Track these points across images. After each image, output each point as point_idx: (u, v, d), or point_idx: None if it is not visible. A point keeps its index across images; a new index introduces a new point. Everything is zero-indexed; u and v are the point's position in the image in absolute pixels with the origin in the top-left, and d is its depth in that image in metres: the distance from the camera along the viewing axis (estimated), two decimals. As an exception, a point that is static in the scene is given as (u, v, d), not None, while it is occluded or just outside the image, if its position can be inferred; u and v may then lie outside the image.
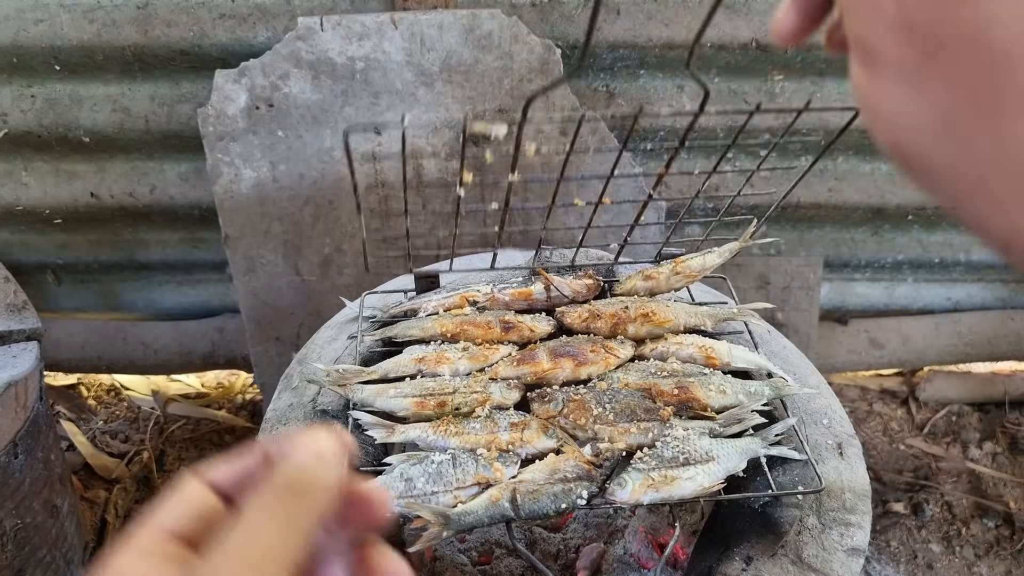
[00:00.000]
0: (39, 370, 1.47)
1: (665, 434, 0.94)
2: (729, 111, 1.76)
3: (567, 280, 1.22)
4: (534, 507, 0.87)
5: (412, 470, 0.90)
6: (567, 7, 1.63)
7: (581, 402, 0.98)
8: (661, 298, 1.20)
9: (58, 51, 1.68)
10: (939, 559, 1.86)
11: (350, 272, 1.79)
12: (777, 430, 0.98)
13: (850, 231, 1.98)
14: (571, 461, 0.91)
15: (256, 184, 1.71)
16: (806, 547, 0.93)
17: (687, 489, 0.88)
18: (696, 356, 1.08)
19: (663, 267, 1.22)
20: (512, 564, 1.20)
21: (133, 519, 1.92)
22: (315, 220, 1.74)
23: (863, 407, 2.25)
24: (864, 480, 1.01)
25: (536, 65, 1.63)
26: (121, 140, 1.81)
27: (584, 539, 1.24)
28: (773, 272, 1.99)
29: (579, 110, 1.66)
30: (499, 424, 0.96)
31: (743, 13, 1.65)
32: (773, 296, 1.98)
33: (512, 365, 1.07)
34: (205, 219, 1.91)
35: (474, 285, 1.26)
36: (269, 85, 1.64)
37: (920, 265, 2.05)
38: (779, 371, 1.08)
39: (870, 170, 1.88)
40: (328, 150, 1.69)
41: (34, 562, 1.49)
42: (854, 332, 2.14)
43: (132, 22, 1.65)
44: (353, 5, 1.65)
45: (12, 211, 1.90)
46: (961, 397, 2.22)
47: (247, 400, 2.27)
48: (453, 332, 1.14)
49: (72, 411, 2.20)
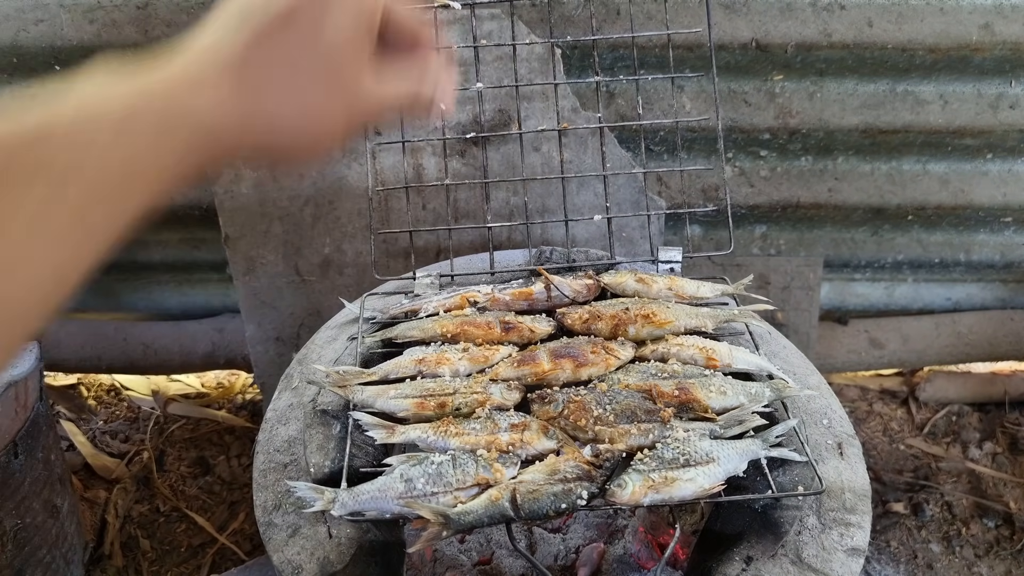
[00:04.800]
0: (39, 370, 1.47)
1: (665, 435, 0.94)
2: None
3: (567, 280, 1.22)
4: (534, 507, 0.87)
5: (412, 471, 0.90)
6: (567, 7, 1.63)
7: (581, 403, 0.99)
8: (661, 299, 1.20)
9: (58, 51, 1.68)
10: (939, 559, 1.86)
11: (350, 272, 1.79)
12: (778, 432, 0.98)
13: (850, 231, 1.98)
14: (571, 461, 0.91)
15: (256, 184, 1.71)
16: (806, 547, 0.93)
17: (687, 490, 0.88)
18: (697, 357, 1.08)
19: (659, 279, 1.22)
20: (512, 564, 1.20)
21: (133, 519, 1.93)
22: (315, 220, 1.74)
23: (863, 407, 2.25)
24: (864, 480, 1.01)
25: (536, 65, 1.63)
26: (121, 140, 1.80)
27: (584, 540, 1.24)
28: (773, 272, 1.99)
29: (579, 110, 1.66)
30: (499, 425, 0.96)
31: (743, 13, 1.65)
32: (773, 296, 1.98)
33: (512, 366, 1.07)
34: (205, 219, 1.91)
35: (474, 286, 1.26)
36: (269, 85, 1.64)
37: (920, 265, 2.05)
38: (780, 373, 1.08)
39: (870, 170, 1.88)
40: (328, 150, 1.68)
41: (34, 562, 1.49)
42: (854, 332, 2.14)
43: (132, 22, 1.65)
44: (353, 5, 1.65)
45: (12, 211, 1.90)
46: (961, 397, 2.22)
47: (247, 400, 2.27)
48: (453, 333, 1.14)
49: (72, 411, 2.20)
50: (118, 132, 0.43)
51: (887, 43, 1.67)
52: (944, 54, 1.69)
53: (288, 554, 0.92)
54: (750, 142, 1.82)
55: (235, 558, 1.84)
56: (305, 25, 0.53)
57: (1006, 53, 1.69)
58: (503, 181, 1.57)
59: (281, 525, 0.95)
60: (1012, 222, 1.96)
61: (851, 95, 1.76)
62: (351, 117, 0.58)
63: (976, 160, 1.87)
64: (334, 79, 0.55)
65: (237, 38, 0.51)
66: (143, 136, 0.45)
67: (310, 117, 0.55)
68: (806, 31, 1.66)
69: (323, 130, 0.57)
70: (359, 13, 0.56)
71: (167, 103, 0.46)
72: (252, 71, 0.51)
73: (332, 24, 0.54)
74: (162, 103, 0.46)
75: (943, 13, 1.65)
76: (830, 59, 1.70)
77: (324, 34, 0.54)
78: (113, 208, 0.44)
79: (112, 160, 0.43)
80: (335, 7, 0.55)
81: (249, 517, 1.90)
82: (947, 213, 1.93)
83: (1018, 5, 1.64)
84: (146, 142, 0.45)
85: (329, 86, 0.55)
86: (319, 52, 0.54)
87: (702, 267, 1.95)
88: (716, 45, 1.67)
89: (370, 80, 0.58)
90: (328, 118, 0.56)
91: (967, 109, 1.77)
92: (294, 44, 0.53)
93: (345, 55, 0.56)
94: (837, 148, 1.84)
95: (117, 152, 0.43)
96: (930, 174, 1.89)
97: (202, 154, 0.49)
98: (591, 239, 1.73)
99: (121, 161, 0.44)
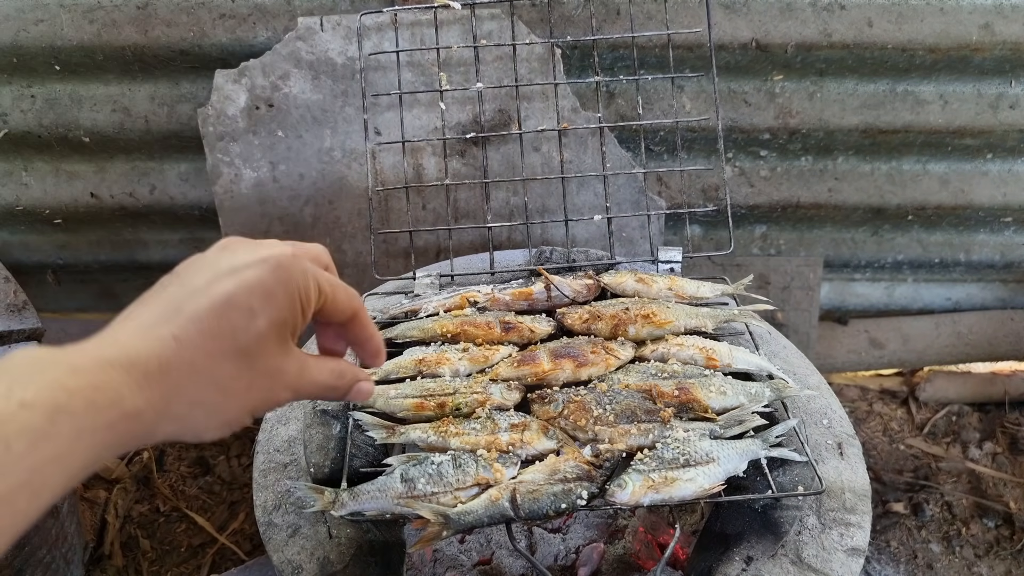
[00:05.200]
0: (39, 370, 1.47)
1: (665, 435, 0.94)
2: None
3: (567, 280, 1.22)
4: (534, 507, 0.87)
5: (412, 471, 0.90)
6: (567, 7, 1.63)
7: (581, 403, 0.99)
8: (661, 299, 1.20)
9: (58, 51, 1.68)
10: (939, 559, 1.86)
11: (350, 272, 1.79)
12: (778, 432, 0.98)
13: (850, 231, 1.98)
14: (571, 461, 0.91)
15: (256, 184, 1.71)
16: (806, 547, 0.93)
17: (687, 490, 0.89)
18: (697, 357, 1.08)
19: (659, 279, 1.22)
20: (512, 564, 1.20)
21: (133, 519, 1.93)
22: (315, 220, 1.74)
23: (863, 407, 2.25)
24: (864, 480, 1.01)
25: (536, 65, 1.63)
26: (121, 140, 1.81)
27: (584, 539, 1.24)
28: (773, 272, 1.99)
29: (579, 110, 1.66)
30: (499, 425, 0.96)
31: (743, 13, 1.65)
32: (773, 296, 1.98)
33: (512, 366, 1.07)
34: (205, 219, 1.91)
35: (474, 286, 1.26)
36: (269, 85, 1.64)
37: (920, 265, 2.05)
38: (780, 373, 1.08)
39: (870, 170, 1.88)
40: (328, 150, 1.69)
41: (34, 562, 1.49)
42: (854, 332, 2.14)
43: (132, 22, 1.65)
44: (353, 5, 1.65)
45: (12, 211, 1.90)
46: (961, 397, 2.22)
47: (247, 400, 2.27)
48: (453, 333, 1.14)
49: (72, 411, 2.20)
50: (40, 434, 0.44)
51: (887, 43, 1.67)
52: (944, 54, 1.69)
53: (288, 554, 0.92)
54: (750, 142, 1.82)
55: (235, 558, 1.84)
56: (237, 320, 0.55)
57: (1006, 53, 1.69)
58: (503, 181, 1.57)
59: (281, 525, 0.95)
60: (1012, 222, 1.96)
61: (851, 95, 1.76)
62: (268, 403, 0.60)
63: (976, 160, 1.87)
64: (256, 374, 0.57)
65: (166, 332, 0.52)
66: (64, 438, 0.45)
67: (227, 411, 0.56)
68: (806, 31, 1.66)
69: (239, 417, 0.58)
70: (290, 308, 0.58)
71: (90, 401, 0.47)
72: (175, 373, 0.52)
73: (265, 317, 0.56)
74: (83, 403, 0.46)
75: (943, 13, 1.65)
76: (830, 59, 1.70)
77: (253, 328, 0.55)
78: (32, 492, 0.44)
79: (33, 458, 0.44)
80: (270, 300, 0.56)
81: (249, 517, 1.90)
82: (947, 213, 1.93)
83: (1018, 5, 1.64)
84: (67, 442, 0.45)
85: (251, 381, 0.57)
86: (246, 348, 0.55)
87: (702, 267, 1.95)
88: (716, 45, 1.67)
89: (293, 370, 0.61)
90: (245, 408, 0.58)
91: (967, 109, 1.77)
92: (224, 338, 0.54)
93: (269, 350, 0.57)
94: (837, 148, 1.84)
95: (39, 452, 0.44)
96: (930, 174, 1.89)
97: (118, 447, 0.50)
98: (591, 239, 1.73)
99: (42, 460, 0.44)
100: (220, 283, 0.55)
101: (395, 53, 1.48)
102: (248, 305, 0.55)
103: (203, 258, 0.60)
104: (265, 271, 0.57)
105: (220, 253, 0.61)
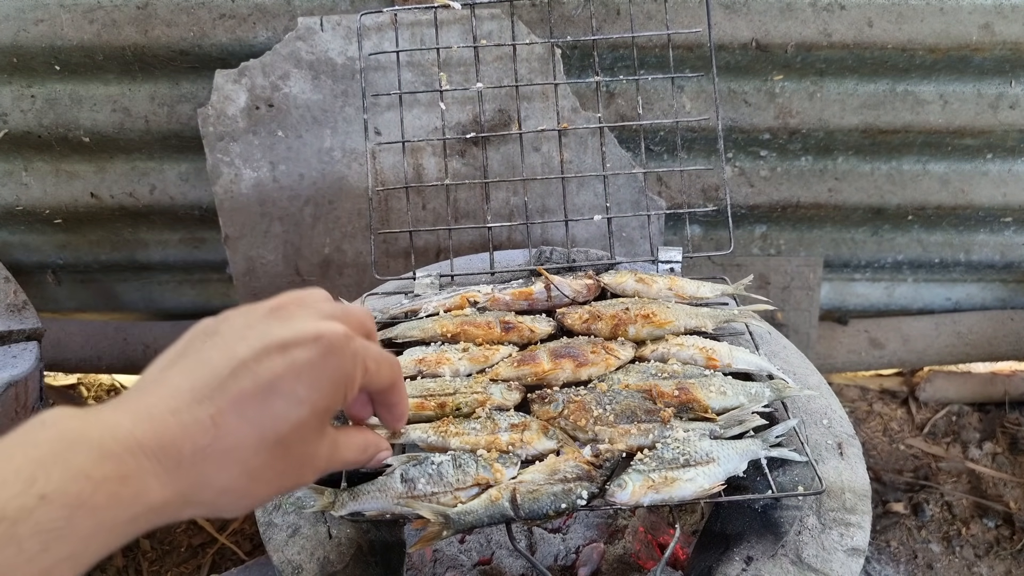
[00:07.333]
0: (39, 370, 1.47)
1: (665, 435, 0.94)
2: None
3: (567, 280, 1.22)
4: (534, 507, 0.87)
5: (412, 471, 0.90)
6: (567, 7, 1.63)
7: (581, 403, 0.99)
8: (661, 299, 1.20)
9: (58, 51, 1.68)
10: (939, 559, 1.86)
11: (350, 272, 1.79)
12: (778, 432, 0.98)
13: (850, 231, 1.98)
14: (571, 461, 0.91)
15: (256, 184, 1.71)
16: (806, 547, 0.93)
17: (687, 490, 0.89)
18: (697, 357, 1.08)
19: (659, 279, 1.22)
20: (512, 564, 1.20)
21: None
22: (315, 220, 1.74)
23: (863, 407, 2.25)
24: (864, 480, 1.01)
25: (536, 65, 1.63)
26: (121, 140, 1.81)
27: (584, 539, 1.24)
28: (773, 272, 1.99)
29: (579, 110, 1.66)
30: (499, 425, 0.96)
31: (743, 13, 1.65)
32: (773, 296, 1.98)
33: (512, 366, 1.07)
34: (205, 219, 1.91)
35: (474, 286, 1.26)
36: (269, 85, 1.64)
37: (920, 265, 2.05)
38: (780, 373, 1.08)
39: (870, 170, 1.88)
40: (328, 150, 1.69)
41: (34, 562, 1.48)
42: (854, 332, 2.14)
43: (132, 22, 1.65)
44: (353, 5, 1.65)
45: (12, 211, 1.90)
46: (961, 397, 2.22)
47: (247, 400, 2.27)
48: (453, 333, 1.14)
49: (72, 411, 2.20)
50: (56, 535, 0.42)
51: (887, 43, 1.67)
52: (944, 54, 1.69)
53: (288, 554, 0.92)
54: (750, 142, 1.82)
55: (235, 558, 1.84)
56: (281, 408, 0.52)
57: (1006, 53, 1.69)
58: (503, 181, 1.57)
59: (281, 525, 0.95)
60: (1012, 222, 1.96)
61: (851, 95, 1.76)
62: (295, 486, 0.58)
63: (976, 160, 1.87)
64: (289, 462, 0.55)
65: (204, 414, 0.49)
66: (81, 537, 0.44)
67: (254, 496, 0.54)
68: (806, 31, 1.66)
69: (264, 500, 0.56)
70: (333, 396, 0.55)
71: (114, 495, 0.45)
72: (209, 463, 0.50)
73: (309, 406, 0.53)
74: (106, 498, 0.44)
75: (943, 13, 1.65)
76: (830, 59, 1.70)
77: (295, 416, 0.53)
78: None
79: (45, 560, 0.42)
80: (316, 387, 0.53)
81: (249, 517, 1.90)
82: (947, 213, 1.93)
83: (1018, 5, 1.64)
84: (83, 541, 0.44)
85: (284, 469, 0.54)
86: (284, 438, 0.53)
87: (702, 267, 1.95)
88: (716, 45, 1.67)
89: (324, 454, 0.58)
90: (272, 491, 0.55)
91: (967, 109, 1.77)
92: (265, 428, 0.52)
93: (306, 437, 0.55)
94: (837, 148, 1.84)
95: (52, 553, 0.42)
96: (930, 174, 1.89)
97: (134, 536, 0.48)
98: (591, 239, 1.73)
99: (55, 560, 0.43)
100: (269, 361, 0.52)
101: (395, 53, 1.48)
102: (293, 392, 0.52)
103: (253, 315, 0.57)
104: (316, 354, 0.54)
105: (272, 315, 0.57)
